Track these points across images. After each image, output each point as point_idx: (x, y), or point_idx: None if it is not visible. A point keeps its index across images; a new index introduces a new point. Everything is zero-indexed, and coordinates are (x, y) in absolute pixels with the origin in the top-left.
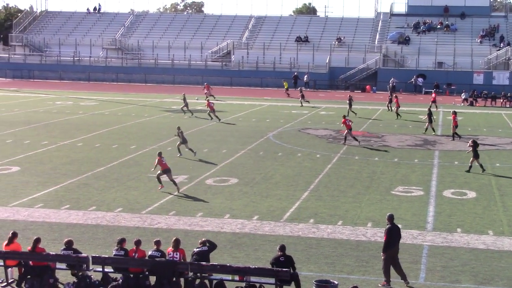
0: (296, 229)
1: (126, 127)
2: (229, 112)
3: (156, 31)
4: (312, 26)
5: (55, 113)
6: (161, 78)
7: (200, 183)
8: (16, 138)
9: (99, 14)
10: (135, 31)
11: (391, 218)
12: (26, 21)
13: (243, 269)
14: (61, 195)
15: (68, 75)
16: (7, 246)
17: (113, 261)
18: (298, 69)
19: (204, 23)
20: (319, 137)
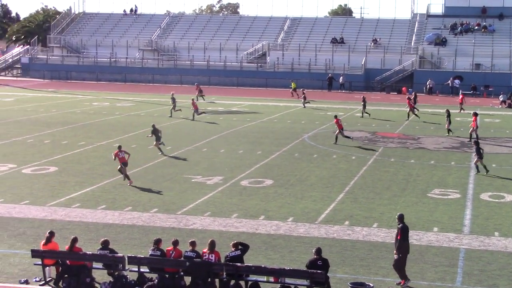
0: (331, 231)
1: (162, 128)
2: (264, 113)
3: (192, 32)
4: (347, 27)
5: (92, 114)
6: (196, 79)
7: (235, 184)
8: (54, 138)
9: (135, 16)
10: (171, 32)
11: (402, 218)
12: (64, 23)
13: (278, 271)
14: (97, 195)
15: (104, 76)
16: (45, 245)
17: (149, 261)
18: (333, 70)
19: (240, 24)
20: (354, 139)
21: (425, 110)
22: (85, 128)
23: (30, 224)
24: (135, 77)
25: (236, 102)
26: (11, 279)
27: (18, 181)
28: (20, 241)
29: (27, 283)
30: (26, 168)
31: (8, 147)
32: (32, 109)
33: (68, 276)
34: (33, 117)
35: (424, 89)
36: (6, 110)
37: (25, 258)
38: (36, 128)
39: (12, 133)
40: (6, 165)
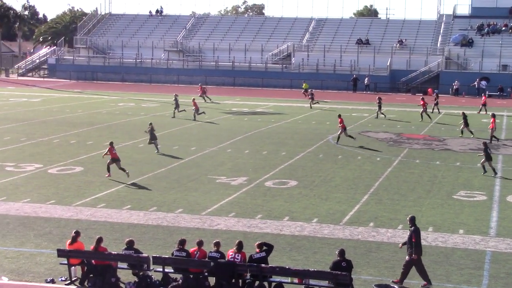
0: (356, 233)
1: (187, 128)
2: (289, 114)
3: (217, 33)
4: (373, 28)
5: (118, 114)
6: (221, 80)
7: (259, 185)
8: (80, 138)
9: (161, 17)
10: (196, 33)
11: (413, 220)
12: (90, 24)
13: (302, 272)
14: (123, 195)
15: (130, 77)
16: (70, 245)
17: (173, 262)
18: (358, 71)
19: (265, 25)
20: (379, 140)
21: (451, 111)
22: (110, 128)
23: (56, 223)
24: (160, 78)
25: (261, 103)
26: (37, 278)
27: (44, 181)
28: (46, 241)
29: (53, 282)
30: (52, 168)
31: (34, 147)
32: (58, 110)
33: (93, 276)
34: (59, 118)
35: (450, 91)
36: (33, 110)
37: (51, 257)
38: (62, 128)
39: (39, 133)
40: (32, 165)
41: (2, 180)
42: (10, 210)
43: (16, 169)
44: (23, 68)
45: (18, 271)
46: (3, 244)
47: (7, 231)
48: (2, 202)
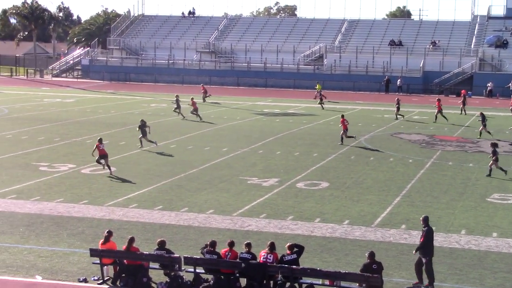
0: (388, 235)
1: (218, 129)
2: (321, 115)
3: (249, 34)
4: (406, 30)
5: (150, 115)
6: (253, 81)
7: (290, 186)
8: (113, 139)
9: (193, 18)
10: (229, 34)
11: (427, 220)
12: (124, 25)
13: (333, 274)
14: (154, 196)
15: (162, 77)
16: (103, 244)
17: (205, 262)
18: (391, 73)
19: (297, 26)
20: (412, 142)
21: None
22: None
23: (89, 223)
24: (193, 79)
25: (293, 104)
26: (70, 277)
27: (77, 181)
28: (79, 240)
29: (85, 281)
30: (85, 168)
31: (68, 147)
32: (92, 110)
33: (125, 276)
34: (93, 118)
35: (483, 92)
36: (67, 111)
37: (84, 257)
38: (95, 128)
39: (72, 133)
40: (66, 165)
41: (36, 180)
42: (43, 209)
43: (50, 169)
44: (57, 69)
45: (51, 270)
46: (37, 243)
47: (41, 230)
48: (36, 201)
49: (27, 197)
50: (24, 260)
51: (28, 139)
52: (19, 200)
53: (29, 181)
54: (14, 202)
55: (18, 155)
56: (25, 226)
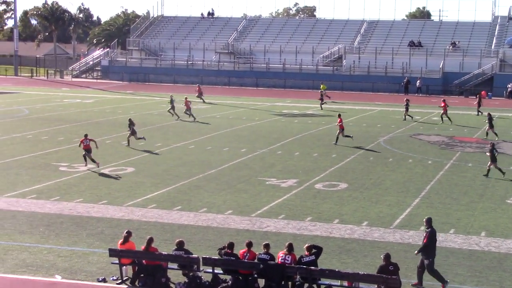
0: (407, 236)
1: (237, 130)
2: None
3: (268, 35)
4: (425, 30)
5: (169, 116)
6: (272, 82)
7: (309, 187)
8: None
9: (212, 19)
10: (248, 35)
11: (430, 222)
12: (143, 26)
13: (352, 275)
14: (173, 196)
15: (181, 78)
16: (122, 245)
17: (223, 263)
18: (410, 74)
19: (316, 27)
20: (431, 143)
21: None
22: (161, 129)
23: (108, 223)
24: (212, 79)
25: (311, 105)
26: (90, 277)
27: (96, 181)
28: (98, 240)
29: (104, 281)
30: (104, 168)
31: None
32: (111, 111)
33: (144, 276)
34: (112, 119)
35: (504, 93)
36: (86, 111)
37: (103, 256)
38: (114, 129)
39: (92, 134)
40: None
41: (56, 180)
42: (63, 209)
43: (70, 169)
44: (77, 69)
45: (71, 270)
46: (57, 243)
47: (61, 230)
48: (55, 201)
49: (47, 197)
50: (44, 259)
51: (48, 140)
52: (39, 200)
53: (49, 181)
54: (34, 202)
55: (38, 155)
56: (45, 226)
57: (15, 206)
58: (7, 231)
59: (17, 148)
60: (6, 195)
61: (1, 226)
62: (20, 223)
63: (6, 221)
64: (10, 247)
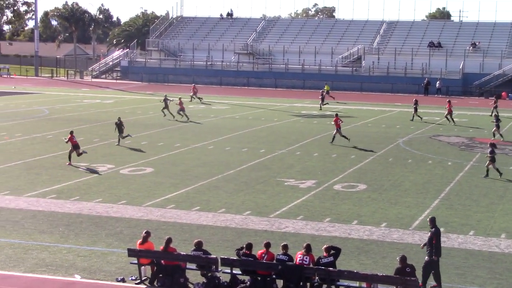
0: (425, 238)
1: (256, 131)
2: (359, 117)
3: (287, 36)
4: (445, 31)
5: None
6: (291, 83)
7: (328, 188)
8: (151, 140)
9: (231, 20)
10: (267, 36)
11: (434, 221)
12: (162, 27)
13: (371, 276)
14: (192, 196)
15: (201, 79)
16: (141, 245)
17: (242, 263)
18: (430, 75)
19: (335, 28)
20: (451, 145)
21: None
22: (180, 130)
23: (127, 223)
24: (230, 80)
25: (330, 106)
26: (109, 277)
27: (115, 181)
28: (117, 240)
29: (123, 281)
30: (123, 168)
31: (107, 148)
32: (130, 111)
33: (162, 276)
34: (131, 119)
35: None
36: (106, 112)
37: (122, 256)
38: (134, 129)
39: (111, 134)
40: (104, 165)
41: (76, 180)
42: (82, 209)
43: (89, 169)
44: (97, 70)
45: (90, 270)
46: (76, 242)
47: (80, 230)
48: (75, 201)
49: (66, 197)
50: (63, 259)
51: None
52: (59, 200)
53: (68, 181)
54: (54, 202)
55: (58, 155)
56: (65, 225)
57: (35, 206)
58: (27, 230)
59: (38, 148)
60: (27, 195)
61: (22, 226)
62: (40, 223)
63: (26, 221)
64: (30, 246)
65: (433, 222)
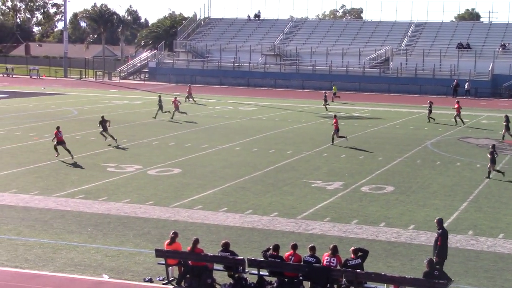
0: (454, 241)
1: (283, 132)
2: (386, 119)
3: (315, 37)
4: (474, 32)
5: (215, 117)
6: (318, 84)
7: (355, 190)
8: (178, 141)
9: (259, 21)
10: (294, 37)
11: (441, 222)
12: (190, 28)
13: (398, 279)
14: (219, 197)
15: (228, 80)
16: (169, 245)
17: (269, 265)
18: (458, 76)
19: (363, 29)
20: (479, 147)
21: None
22: (208, 131)
23: (154, 224)
24: (258, 81)
25: (358, 107)
26: (136, 277)
27: (143, 182)
28: (145, 241)
29: (151, 281)
30: (151, 169)
31: (135, 149)
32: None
33: (190, 276)
34: (159, 120)
35: None
36: (134, 112)
37: (149, 257)
38: (161, 130)
39: (139, 135)
40: (132, 166)
41: (104, 180)
42: (111, 209)
43: (117, 169)
44: (125, 71)
45: (118, 270)
46: (104, 242)
47: (108, 230)
48: (103, 202)
49: (95, 197)
50: (91, 259)
51: (96, 140)
52: (87, 200)
53: (97, 182)
54: (83, 202)
55: (86, 155)
56: (93, 225)
57: (64, 206)
58: (56, 230)
59: None
60: (56, 195)
61: (50, 226)
62: (68, 223)
63: (55, 221)
64: (59, 246)
65: (441, 223)
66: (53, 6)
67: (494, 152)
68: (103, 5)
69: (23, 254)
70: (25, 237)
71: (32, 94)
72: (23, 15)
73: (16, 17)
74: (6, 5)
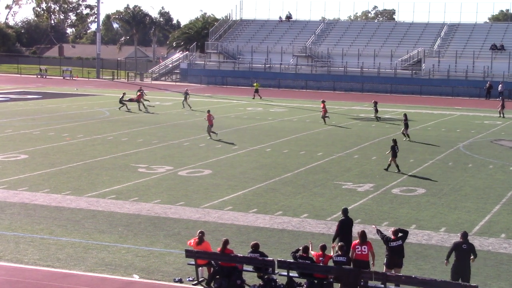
0: (486, 244)
1: (314, 133)
2: (418, 121)
3: (346, 39)
4: (508, 34)
5: (246, 118)
6: (349, 85)
7: (386, 192)
8: (209, 142)
9: (290, 22)
10: (325, 39)
11: (345, 212)
12: (221, 29)
13: (429, 282)
14: (249, 198)
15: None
16: (198, 245)
17: (298, 266)
18: (492, 78)
19: (395, 30)
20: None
21: None
22: (238, 132)
23: (185, 225)
24: (289, 83)
25: (389, 109)
26: (166, 277)
27: (174, 183)
28: (175, 241)
29: (180, 282)
30: (182, 170)
31: (165, 150)
32: (189, 113)
33: (219, 277)
34: (190, 121)
35: None
36: (165, 114)
37: (179, 257)
38: (192, 131)
39: (170, 136)
40: (163, 167)
41: (135, 181)
42: (141, 210)
43: (148, 170)
44: (156, 72)
45: (148, 270)
46: (135, 243)
47: (139, 230)
48: (134, 202)
49: (126, 198)
50: (122, 259)
51: (127, 141)
52: (118, 200)
53: (128, 182)
54: (114, 202)
55: (118, 156)
56: (124, 225)
57: (95, 206)
58: (87, 230)
59: (98, 149)
60: (87, 195)
61: (82, 225)
62: (100, 223)
63: (86, 221)
64: (90, 245)
65: (344, 212)
66: (86, 8)
67: (396, 146)
68: (135, 7)
69: (54, 254)
70: (57, 237)
71: (65, 95)
72: (57, 16)
73: (50, 18)
74: (41, 6)
